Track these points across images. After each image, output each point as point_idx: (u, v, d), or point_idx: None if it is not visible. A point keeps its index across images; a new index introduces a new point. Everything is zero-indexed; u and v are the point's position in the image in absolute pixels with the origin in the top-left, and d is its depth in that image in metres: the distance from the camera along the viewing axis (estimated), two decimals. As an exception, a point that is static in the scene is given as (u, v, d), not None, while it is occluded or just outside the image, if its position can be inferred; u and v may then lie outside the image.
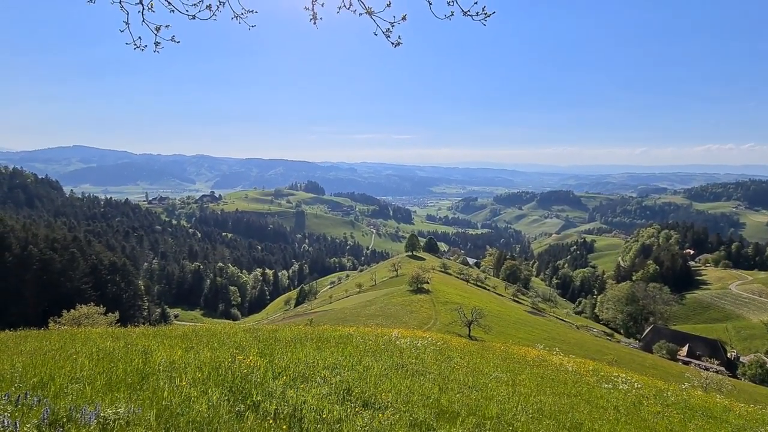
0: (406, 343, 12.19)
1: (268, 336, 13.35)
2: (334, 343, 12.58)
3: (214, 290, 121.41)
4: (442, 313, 60.75)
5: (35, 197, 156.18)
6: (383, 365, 9.15)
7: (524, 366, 14.70)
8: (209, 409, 4.65)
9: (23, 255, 56.11)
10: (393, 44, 5.10)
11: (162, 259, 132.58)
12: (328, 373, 7.09)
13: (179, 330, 14.98)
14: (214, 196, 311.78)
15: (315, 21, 5.15)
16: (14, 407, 4.09)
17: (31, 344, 8.91)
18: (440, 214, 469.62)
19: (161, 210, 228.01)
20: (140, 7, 4.93)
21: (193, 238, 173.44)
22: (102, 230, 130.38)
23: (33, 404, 4.26)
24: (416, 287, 68.77)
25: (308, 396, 5.38)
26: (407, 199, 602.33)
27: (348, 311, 66.07)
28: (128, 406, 4.36)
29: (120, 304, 60.13)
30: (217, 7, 5.11)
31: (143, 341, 10.57)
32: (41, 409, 4.04)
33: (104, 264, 67.42)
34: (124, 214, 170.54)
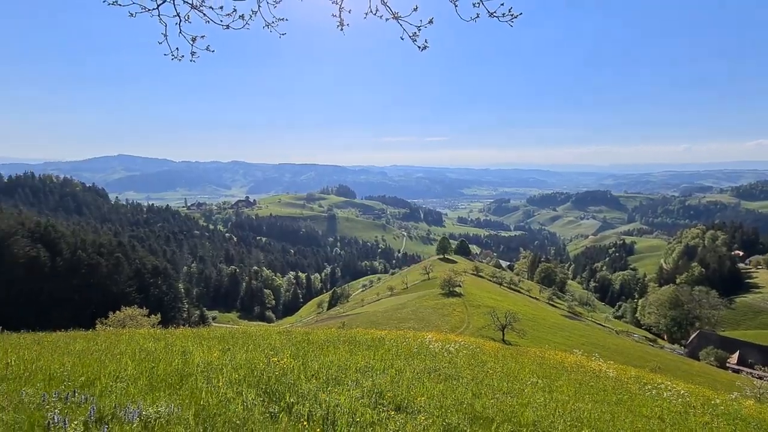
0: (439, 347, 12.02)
1: (301, 338, 13.54)
2: (366, 347, 12.59)
3: (250, 293, 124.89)
4: (475, 317, 59.74)
5: (83, 205, 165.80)
6: (416, 369, 9.04)
7: (561, 372, 14.15)
8: (244, 410, 4.73)
9: (73, 260, 59.85)
10: (420, 48, 5.06)
11: (200, 262, 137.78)
12: (360, 377, 7.07)
13: (216, 332, 15.45)
14: (248, 201, 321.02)
15: (342, 27, 5.18)
16: (63, 404, 4.31)
17: (80, 344, 9.43)
18: (472, 217, 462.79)
19: (199, 215, 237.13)
20: (177, 19, 5.14)
21: (230, 243, 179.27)
22: (145, 235, 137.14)
23: (80, 402, 4.48)
24: (448, 290, 68.04)
25: (341, 399, 5.37)
26: (438, 202, 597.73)
27: (380, 314, 66.14)
28: (168, 406, 4.50)
29: (162, 306, 62.93)
30: (249, 17, 5.24)
31: (182, 342, 10.96)
32: (88, 407, 4.23)
33: (147, 268, 70.89)
34: (165, 220, 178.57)
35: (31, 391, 4.46)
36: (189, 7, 5.27)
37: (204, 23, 5.33)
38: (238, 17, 5.25)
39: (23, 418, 3.84)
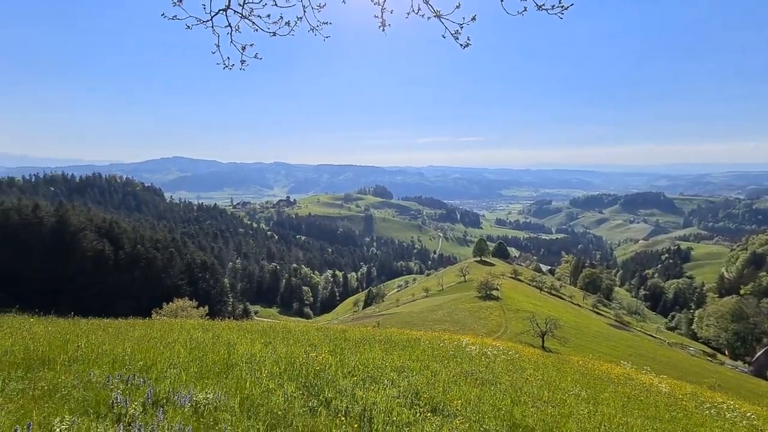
0: (476, 350, 11.84)
1: (338, 336, 13.81)
2: (402, 347, 12.64)
3: (290, 290, 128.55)
4: (513, 322, 58.35)
5: (142, 203, 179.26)
6: (451, 372, 8.98)
7: (607, 383, 13.51)
8: (285, 402, 4.92)
9: (133, 253, 64.40)
10: (462, 46, 5.05)
11: (244, 259, 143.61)
12: (396, 376, 7.14)
13: (258, 325, 16.09)
14: (289, 201, 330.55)
15: (383, 28, 5.26)
16: (125, 386, 4.70)
17: (139, 331, 10.16)
18: (510, 218, 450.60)
19: (244, 214, 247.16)
20: (229, 29, 5.44)
21: (271, 241, 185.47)
22: (195, 232, 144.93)
23: (139, 384, 4.85)
24: (485, 293, 66.98)
25: (377, 397, 5.47)
26: (475, 203, 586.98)
27: (415, 315, 65.99)
28: (216, 393, 4.78)
29: (209, 299, 66.26)
30: (294, 23, 5.45)
31: (228, 334, 11.51)
32: (146, 390, 4.59)
33: (197, 263, 74.90)
34: (213, 218, 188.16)
35: (98, 372, 4.89)
36: (239, 17, 5.57)
37: (252, 32, 5.61)
38: (284, 24, 5.48)
39: (91, 396, 4.23)
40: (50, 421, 3.43)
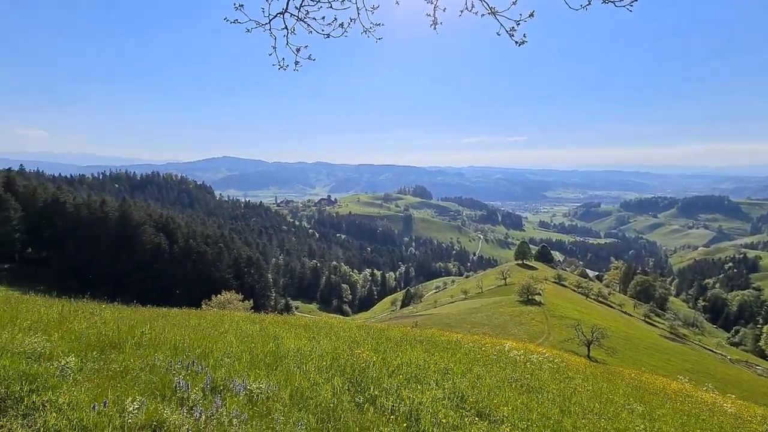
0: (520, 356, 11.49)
1: (379, 334, 13.89)
2: (443, 348, 12.51)
3: (329, 287, 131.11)
4: (556, 329, 56.28)
5: (195, 200, 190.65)
6: (495, 377, 8.78)
7: (663, 399, 12.66)
8: (333, 397, 5.02)
9: (186, 247, 68.41)
10: (517, 43, 4.91)
11: (287, 255, 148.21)
12: (439, 378, 7.08)
13: (301, 321, 16.53)
14: (330, 200, 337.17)
15: (435, 26, 5.22)
16: (186, 372, 4.98)
17: (193, 321, 10.75)
18: (555, 221, 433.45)
19: (287, 212, 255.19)
20: (285, 31, 5.63)
21: (312, 238, 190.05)
22: (241, 228, 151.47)
23: (198, 371, 5.13)
24: (527, 298, 65.49)
25: (423, 398, 5.44)
26: (518, 205, 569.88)
27: (453, 317, 65.19)
28: (268, 384, 4.96)
29: (254, 293, 68.93)
30: (348, 25, 5.54)
31: (274, 328, 11.91)
32: (204, 377, 4.84)
33: (243, 258, 78.28)
34: (258, 215, 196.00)
35: (161, 357, 5.22)
36: (295, 20, 5.75)
37: (307, 34, 5.76)
38: (337, 26, 5.60)
39: (157, 379, 4.52)
40: (123, 400, 3.69)
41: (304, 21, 5.58)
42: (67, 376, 4.11)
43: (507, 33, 4.79)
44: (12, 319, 6.07)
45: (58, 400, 3.55)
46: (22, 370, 4.01)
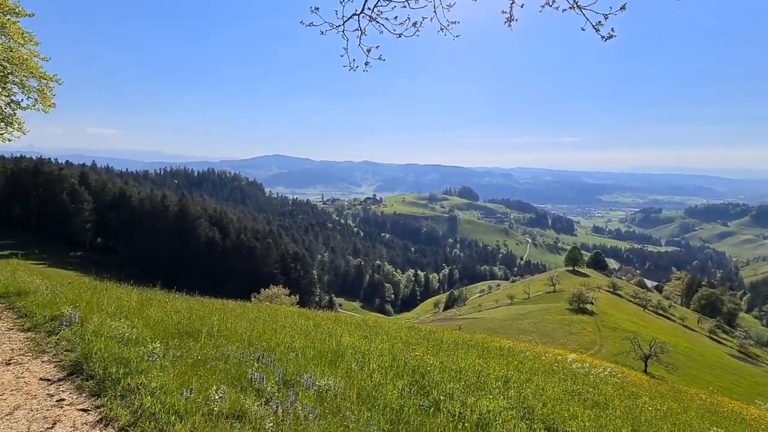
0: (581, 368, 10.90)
1: (430, 336, 13.75)
2: (496, 355, 12.14)
3: (372, 285, 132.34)
4: (610, 340, 53.58)
5: (246, 196, 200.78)
6: (557, 388, 8.35)
7: (742, 426, 11.49)
8: (399, 398, 4.97)
9: (237, 242, 72.04)
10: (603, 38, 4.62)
11: (331, 253, 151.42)
12: (501, 386, 6.84)
13: (351, 318, 16.72)
14: (375, 199, 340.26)
15: (510, 23, 5.03)
16: (258, 364, 5.14)
17: (252, 314, 11.17)
18: (610, 227, 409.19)
19: (332, 210, 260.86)
20: (358, 32, 5.66)
21: (357, 237, 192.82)
22: (289, 225, 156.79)
23: (268, 364, 5.28)
24: (577, 306, 63.02)
25: (490, 406, 5.26)
26: (569, 208, 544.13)
27: (498, 322, 63.53)
28: (334, 381, 5.01)
29: (299, 288, 71.19)
30: (420, 23, 5.48)
31: (327, 324, 12.12)
32: (275, 370, 4.97)
33: (290, 254, 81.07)
34: (305, 213, 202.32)
35: (234, 348, 5.43)
36: (367, 20, 5.76)
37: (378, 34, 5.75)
38: (410, 25, 5.55)
39: (233, 369, 4.70)
40: (207, 388, 3.86)
41: (377, 21, 5.59)
42: (154, 361, 4.37)
43: (593, 27, 4.51)
44: (99, 304, 6.58)
45: (150, 384, 3.77)
46: (116, 354, 4.31)
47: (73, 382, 3.95)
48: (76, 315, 5.33)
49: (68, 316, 5.29)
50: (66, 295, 6.80)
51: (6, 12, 10.26)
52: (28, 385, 3.88)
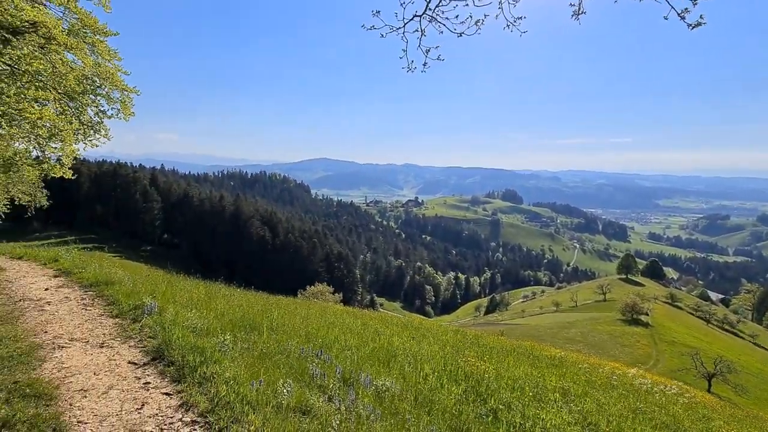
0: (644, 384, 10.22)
1: (475, 341, 13.48)
2: (547, 364, 11.68)
3: (413, 287, 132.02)
4: (666, 355, 50.28)
5: (294, 197, 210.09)
6: (618, 404, 7.90)
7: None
8: (457, 404, 4.91)
9: (285, 240, 74.71)
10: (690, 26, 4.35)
11: (373, 253, 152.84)
12: (559, 398, 6.58)
13: (396, 319, 16.77)
14: (417, 202, 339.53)
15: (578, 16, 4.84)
16: (317, 360, 5.28)
17: (303, 310, 11.49)
18: (669, 233, 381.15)
19: (375, 212, 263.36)
20: (418, 33, 5.68)
21: (398, 238, 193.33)
22: (333, 226, 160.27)
23: (326, 360, 5.40)
24: (631, 317, 59.98)
25: (553, 419, 5.07)
26: (622, 213, 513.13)
27: (543, 330, 61.24)
28: (390, 381, 5.04)
29: (342, 287, 72.52)
30: (482, 21, 5.40)
31: (374, 323, 12.21)
32: (333, 367, 5.08)
33: (334, 253, 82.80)
34: (349, 214, 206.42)
35: (294, 343, 5.62)
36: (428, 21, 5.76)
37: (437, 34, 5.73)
38: (472, 24, 5.48)
39: (295, 365, 4.86)
40: (275, 381, 4.02)
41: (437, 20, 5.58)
42: (226, 352, 4.62)
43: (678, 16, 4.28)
44: (173, 296, 7.06)
45: (224, 374, 3.99)
46: (192, 343, 4.61)
47: (156, 367, 4.27)
48: (155, 305, 5.77)
49: (149, 305, 5.74)
50: (145, 287, 7.37)
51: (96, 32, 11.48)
52: (119, 368, 4.24)
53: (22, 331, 5.10)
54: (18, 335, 4.94)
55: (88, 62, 12.22)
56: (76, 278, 8.22)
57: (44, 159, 14.57)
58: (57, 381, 3.88)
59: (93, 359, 4.42)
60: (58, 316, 5.80)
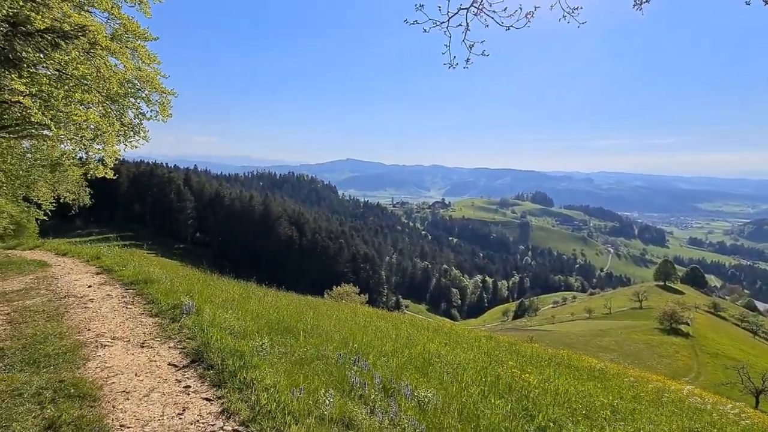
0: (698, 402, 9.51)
1: (510, 348, 13.00)
2: (588, 376, 11.09)
3: (439, 289, 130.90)
4: (709, 368, 47.92)
5: (321, 198, 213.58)
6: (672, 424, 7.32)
7: None
8: (504, 421, 4.61)
9: (312, 241, 75.72)
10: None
11: (399, 255, 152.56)
12: (609, 416, 6.13)
13: (426, 323, 16.47)
14: (444, 203, 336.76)
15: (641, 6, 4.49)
16: (355, 367, 5.09)
17: (334, 312, 11.41)
18: (712, 239, 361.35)
19: (401, 213, 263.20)
20: (461, 28, 5.42)
21: (424, 240, 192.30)
22: (359, 227, 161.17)
23: (363, 368, 5.21)
24: (669, 326, 57.59)
25: (609, 440, 4.68)
26: (661, 217, 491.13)
27: (575, 337, 59.31)
28: (432, 392, 4.79)
29: (368, 287, 72.75)
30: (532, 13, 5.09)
31: (405, 327, 11.97)
32: (372, 375, 4.87)
33: (360, 254, 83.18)
34: (375, 215, 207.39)
35: (330, 348, 5.46)
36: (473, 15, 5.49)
37: (483, 28, 5.46)
38: (522, 16, 5.18)
39: (334, 372, 4.69)
40: (317, 390, 3.86)
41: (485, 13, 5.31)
42: (264, 356, 4.50)
43: None
44: (209, 296, 7.08)
45: (264, 380, 3.86)
46: (231, 346, 4.52)
47: (196, 370, 4.20)
48: (192, 305, 5.76)
49: (187, 305, 5.74)
50: (182, 286, 7.44)
51: (138, 37, 11.85)
52: (159, 369, 4.19)
53: (67, 328, 5.18)
54: (63, 332, 5.01)
55: (130, 66, 12.67)
56: (116, 276, 8.41)
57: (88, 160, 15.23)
58: (100, 381, 3.87)
59: (134, 359, 4.41)
60: (100, 314, 5.90)
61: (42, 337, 4.80)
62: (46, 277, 8.27)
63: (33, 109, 9.51)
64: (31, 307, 6.09)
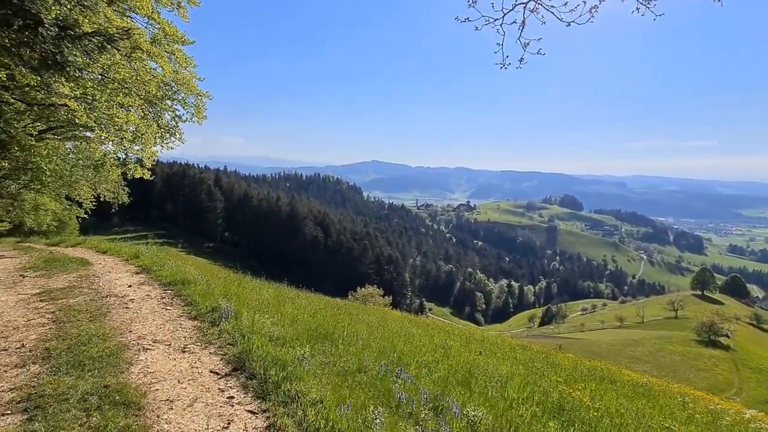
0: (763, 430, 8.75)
1: (546, 359, 12.46)
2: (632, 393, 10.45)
3: (463, 292, 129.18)
4: (752, 383, 45.29)
5: (346, 199, 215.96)
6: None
7: None
8: (559, 444, 4.27)
9: (337, 242, 76.24)
10: None
11: (423, 257, 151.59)
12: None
13: (457, 330, 16.06)
14: (469, 206, 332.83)
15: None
16: (399, 380, 4.84)
17: (365, 316, 11.20)
18: (754, 247, 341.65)
19: (426, 215, 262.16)
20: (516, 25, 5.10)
21: (449, 243, 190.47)
22: (384, 228, 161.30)
23: (406, 380, 4.96)
24: (708, 338, 55.12)
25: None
26: (698, 223, 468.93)
27: (605, 346, 57.24)
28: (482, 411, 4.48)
29: (392, 290, 72.56)
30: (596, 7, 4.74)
31: (438, 334, 11.64)
32: (416, 389, 4.61)
33: (384, 256, 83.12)
34: (400, 217, 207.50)
35: (371, 357, 5.24)
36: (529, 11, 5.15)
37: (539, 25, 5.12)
38: (585, 11, 4.83)
39: (378, 385, 4.46)
40: (365, 407, 3.63)
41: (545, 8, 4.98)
42: (306, 367, 4.32)
43: None
44: (246, 298, 7.00)
45: (309, 394, 3.66)
46: (272, 354, 4.36)
47: (238, 379, 4.05)
48: (231, 308, 5.66)
49: (225, 308, 5.64)
50: (218, 287, 7.40)
51: (176, 41, 12.06)
52: (201, 377, 4.08)
53: (110, 330, 5.17)
54: (106, 334, 5.00)
55: (168, 69, 12.93)
56: (155, 276, 8.49)
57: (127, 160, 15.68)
58: (144, 387, 3.77)
59: (176, 365, 4.31)
60: (141, 315, 5.89)
61: (86, 338, 4.78)
62: (88, 276, 8.43)
63: (79, 112, 9.78)
64: (75, 306, 6.15)
